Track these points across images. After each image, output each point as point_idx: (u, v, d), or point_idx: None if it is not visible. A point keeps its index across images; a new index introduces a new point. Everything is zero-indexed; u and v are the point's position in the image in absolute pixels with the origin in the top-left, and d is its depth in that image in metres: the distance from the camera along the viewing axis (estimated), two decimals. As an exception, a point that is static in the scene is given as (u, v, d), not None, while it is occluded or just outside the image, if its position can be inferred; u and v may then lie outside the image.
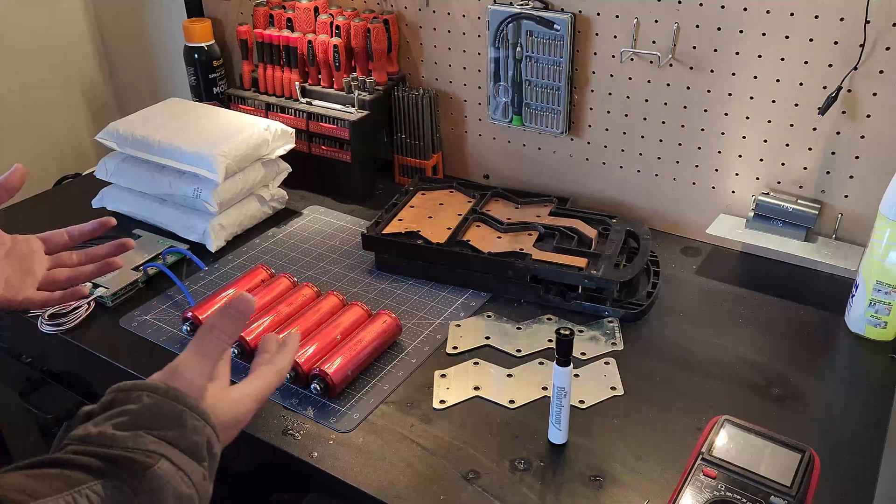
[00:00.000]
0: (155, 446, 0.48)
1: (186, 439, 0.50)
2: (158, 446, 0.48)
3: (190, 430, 0.50)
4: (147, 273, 0.99)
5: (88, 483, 0.46)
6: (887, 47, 0.85)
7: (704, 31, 0.95)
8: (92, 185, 1.17)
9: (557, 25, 1.02)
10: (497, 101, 1.12)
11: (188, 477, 0.49)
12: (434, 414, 0.77)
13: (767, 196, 0.98)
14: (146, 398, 0.50)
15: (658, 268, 0.97)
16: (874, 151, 0.91)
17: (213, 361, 0.55)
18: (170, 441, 0.49)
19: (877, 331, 0.85)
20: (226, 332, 0.56)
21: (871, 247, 0.83)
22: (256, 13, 1.24)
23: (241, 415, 0.57)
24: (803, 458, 0.63)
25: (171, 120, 1.11)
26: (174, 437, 0.50)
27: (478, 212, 1.04)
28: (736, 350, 0.85)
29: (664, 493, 0.67)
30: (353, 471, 0.70)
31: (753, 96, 0.95)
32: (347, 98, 1.17)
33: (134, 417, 0.49)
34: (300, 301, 0.89)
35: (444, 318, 0.91)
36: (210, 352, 0.55)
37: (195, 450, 0.50)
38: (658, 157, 1.05)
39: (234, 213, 1.08)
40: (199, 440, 0.51)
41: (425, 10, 1.15)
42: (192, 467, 0.50)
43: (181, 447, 0.50)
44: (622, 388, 0.80)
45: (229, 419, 0.55)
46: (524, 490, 0.68)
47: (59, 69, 1.57)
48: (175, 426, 0.50)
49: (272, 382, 0.60)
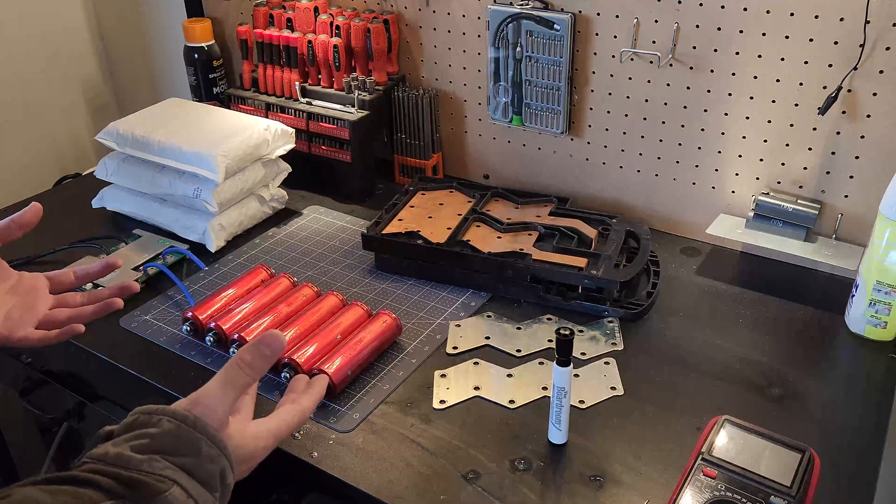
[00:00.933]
0: (169, 472, 0.49)
1: (201, 468, 0.51)
2: (173, 472, 0.49)
3: (205, 459, 0.51)
4: (147, 273, 0.99)
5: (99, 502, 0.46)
6: (887, 47, 0.85)
7: (704, 31, 0.95)
8: (92, 185, 1.17)
9: (557, 25, 1.02)
10: (497, 101, 1.12)
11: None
12: (434, 414, 0.77)
13: (767, 196, 0.98)
14: (167, 423, 0.51)
15: (658, 268, 0.97)
16: (874, 151, 0.91)
17: (236, 394, 0.56)
18: (184, 468, 0.50)
19: (877, 331, 0.85)
20: (254, 368, 0.56)
21: (871, 247, 0.83)
22: (256, 13, 1.24)
23: (259, 450, 0.58)
24: (803, 458, 0.63)
25: (171, 120, 1.11)
26: (189, 464, 0.50)
27: (478, 212, 1.04)
28: (736, 350, 0.85)
29: (664, 493, 0.67)
30: (353, 471, 0.70)
31: (753, 96, 0.95)
32: (347, 98, 1.17)
33: (152, 441, 0.50)
34: (300, 301, 0.89)
35: (444, 318, 0.91)
36: (235, 384, 0.56)
37: (208, 479, 0.51)
38: (658, 157, 1.05)
39: (234, 213, 1.08)
40: (213, 469, 0.51)
41: (425, 10, 1.15)
42: (203, 497, 0.51)
43: (195, 475, 0.50)
44: (622, 388, 0.80)
45: (246, 453, 0.56)
46: (524, 490, 0.68)
47: (59, 69, 1.57)
48: (191, 453, 0.51)
49: (293, 422, 0.62)
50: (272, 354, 0.57)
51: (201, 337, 0.87)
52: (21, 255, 1.04)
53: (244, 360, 0.56)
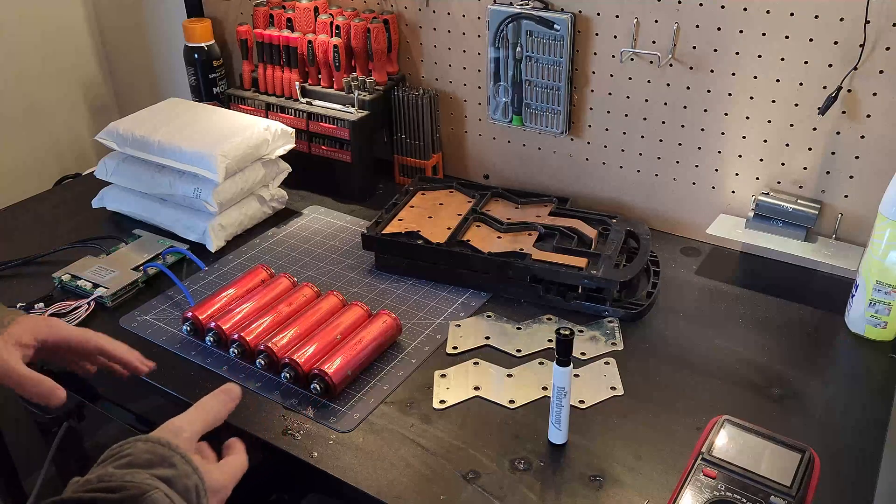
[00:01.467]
0: (150, 481, 0.51)
1: (179, 480, 0.53)
2: (153, 481, 0.51)
3: (182, 474, 0.54)
4: (147, 273, 0.99)
5: None
6: (887, 47, 0.85)
7: (704, 31, 0.95)
8: (92, 185, 1.17)
9: (557, 25, 1.02)
10: (497, 101, 1.12)
11: None
12: (434, 414, 0.77)
13: (767, 196, 0.98)
14: (140, 445, 0.54)
15: (658, 268, 0.97)
16: (874, 151, 0.91)
17: (201, 427, 0.61)
18: (163, 479, 0.52)
19: (877, 331, 0.85)
20: (214, 410, 0.63)
21: (871, 247, 0.83)
22: (256, 13, 1.24)
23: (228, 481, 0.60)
24: (803, 458, 0.63)
25: (171, 120, 1.11)
26: (167, 475, 0.53)
27: (478, 212, 1.04)
28: (736, 350, 0.85)
29: (664, 493, 0.67)
30: (353, 471, 0.70)
31: (753, 96, 0.95)
32: (347, 98, 1.17)
33: (130, 459, 0.53)
34: (300, 301, 0.89)
35: (444, 318, 0.91)
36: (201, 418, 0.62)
37: (185, 492, 0.53)
38: (658, 157, 1.05)
39: (234, 213, 1.08)
40: (189, 484, 0.54)
41: (425, 10, 1.15)
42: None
43: (174, 486, 0.53)
44: (622, 388, 0.80)
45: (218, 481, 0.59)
46: (524, 490, 0.68)
47: (59, 69, 1.57)
48: (168, 466, 0.53)
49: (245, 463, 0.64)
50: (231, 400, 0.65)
51: (201, 337, 0.87)
52: (21, 255, 1.04)
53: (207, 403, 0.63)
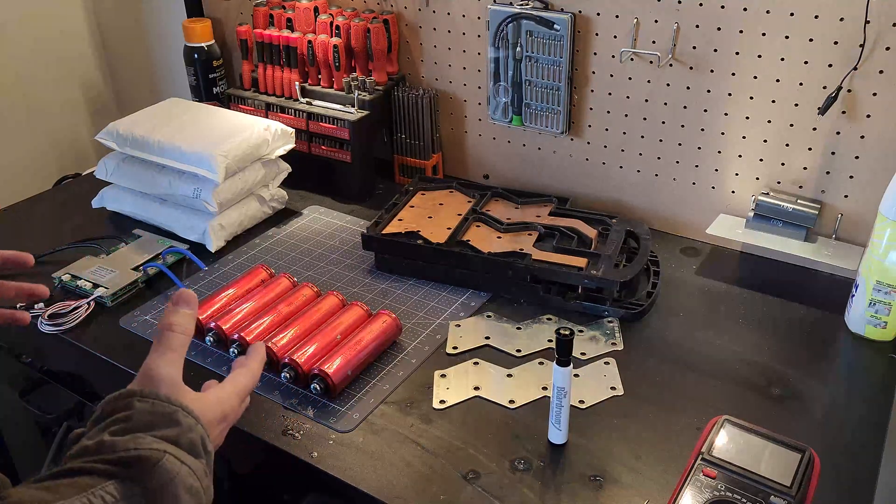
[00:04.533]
0: (157, 444, 0.49)
1: (184, 436, 0.51)
2: (160, 444, 0.49)
3: (186, 429, 0.52)
4: (147, 273, 0.99)
5: (101, 484, 0.47)
6: (887, 47, 0.85)
7: (704, 31, 0.95)
8: (92, 185, 1.17)
9: (557, 25, 1.02)
10: (497, 101, 1.12)
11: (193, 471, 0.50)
12: (434, 414, 0.77)
13: (767, 196, 0.98)
14: (138, 403, 0.51)
15: (658, 268, 0.97)
16: (874, 151, 0.91)
17: (179, 356, 0.58)
18: (168, 440, 0.50)
19: (877, 331, 0.85)
20: (180, 326, 0.59)
21: (871, 247, 0.83)
22: (256, 13, 1.24)
23: (228, 409, 0.59)
24: (803, 458, 0.63)
25: (170, 120, 1.11)
26: (173, 434, 0.51)
27: (478, 212, 1.04)
28: (736, 350, 0.85)
29: (664, 493, 0.67)
30: (352, 471, 0.70)
31: (753, 96, 0.95)
32: (347, 98, 1.17)
33: (129, 424, 0.50)
34: (300, 301, 0.89)
35: (444, 318, 0.91)
36: (174, 346, 0.58)
37: (192, 447, 0.52)
38: (658, 157, 1.05)
39: (234, 213, 1.08)
40: (195, 438, 0.52)
41: (425, 10, 1.15)
42: (194, 464, 0.51)
43: (181, 444, 0.51)
44: (622, 388, 0.80)
45: (216, 415, 0.58)
46: (524, 490, 0.68)
47: (59, 69, 1.57)
48: (171, 425, 0.51)
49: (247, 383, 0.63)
50: (192, 310, 0.60)
51: (201, 337, 0.87)
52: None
53: (170, 324, 0.59)
